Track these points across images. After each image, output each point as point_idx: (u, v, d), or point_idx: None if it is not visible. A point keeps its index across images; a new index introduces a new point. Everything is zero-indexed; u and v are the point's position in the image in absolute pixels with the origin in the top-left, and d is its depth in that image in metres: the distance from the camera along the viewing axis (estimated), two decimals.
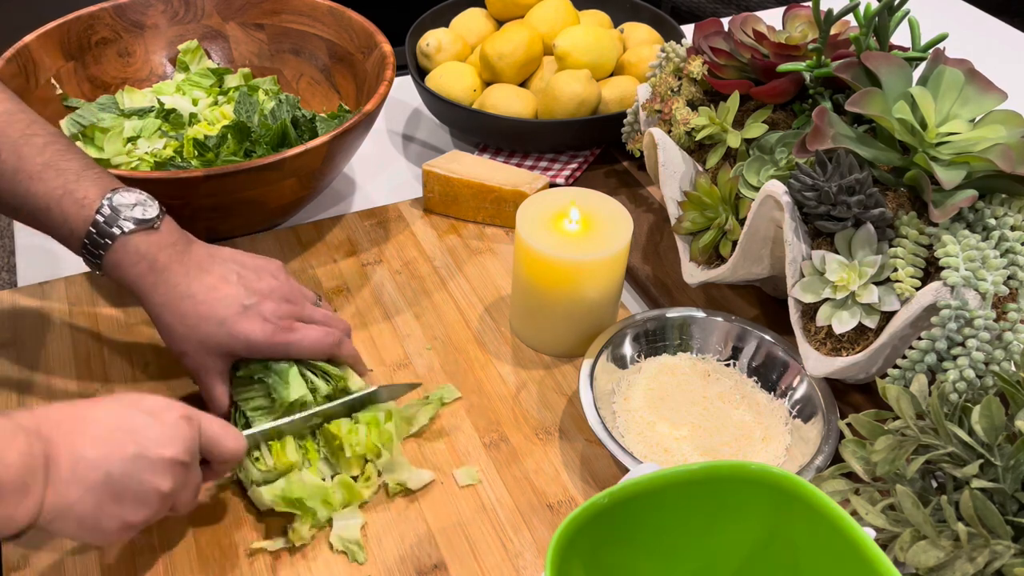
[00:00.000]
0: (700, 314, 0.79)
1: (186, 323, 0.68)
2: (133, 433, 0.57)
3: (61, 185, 0.67)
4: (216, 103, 1.05)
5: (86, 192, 0.67)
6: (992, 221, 0.68)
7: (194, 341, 0.68)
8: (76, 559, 0.66)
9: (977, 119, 0.72)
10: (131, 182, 0.79)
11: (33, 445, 0.53)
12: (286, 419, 0.69)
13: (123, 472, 0.56)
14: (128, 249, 0.67)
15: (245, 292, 0.69)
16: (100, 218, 0.67)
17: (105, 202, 0.67)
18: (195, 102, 1.04)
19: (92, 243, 0.67)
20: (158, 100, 1.03)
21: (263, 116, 0.98)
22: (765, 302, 0.87)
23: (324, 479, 0.69)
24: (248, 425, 0.70)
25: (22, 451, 0.52)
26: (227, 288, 0.69)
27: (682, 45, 0.91)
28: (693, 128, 0.82)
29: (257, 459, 0.68)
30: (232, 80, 1.07)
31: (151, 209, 0.69)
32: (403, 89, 1.19)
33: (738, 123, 0.82)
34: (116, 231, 0.67)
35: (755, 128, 0.79)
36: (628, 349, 0.78)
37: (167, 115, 1.01)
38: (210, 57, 1.08)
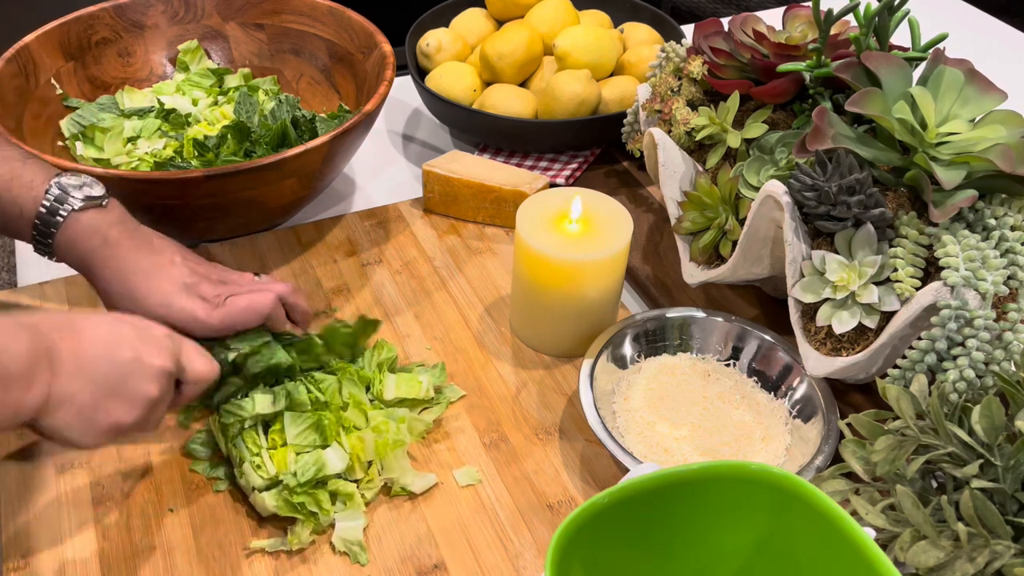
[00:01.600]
0: (700, 314, 0.79)
1: (133, 296, 0.70)
2: (128, 340, 0.61)
3: (7, 171, 0.71)
4: (216, 103, 1.05)
5: (33, 175, 0.71)
6: (992, 221, 0.68)
7: (138, 314, 0.70)
8: (76, 559, 0.66)
9: (977, 119, 0.72)
10: (131, 182, 0.79)
11: (36, 339, 0.57)
12: (244, 349, 0.71)
13: (120, 372, 0.60)
14: (81, 225, 0.70)
15: (188, 272, 0.72)
16: (50, 197, 0.70)
17: (53, 183, 0.70)
18: (195, 102, 1.04)
19: (43, 223, 0.70)
20: (158, 100, 1.03)
21: (263, 116, 0.98)
22: (765, 302, 0.87)
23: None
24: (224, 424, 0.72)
25: (27, 343, 0.56)
26: (172, 268, 0.72)
27: (682, 45, 0.91)
28: (693, 128, 0.82)
29: (258, 466, 0.68)
30: (232, 80, 1.07)
31: (97, 188, 0.71)
32: (403, 89, 1.19)
33: (738, 123, 0.82)
34: (67, 208, 0.69)
35: (755, 128, 0.79)
36: (628, 349, 0.78)
37: (167, 115, 1.01)
38: (210, 57, 1.08)
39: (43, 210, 0.69)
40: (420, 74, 1.08)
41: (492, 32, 1.13)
